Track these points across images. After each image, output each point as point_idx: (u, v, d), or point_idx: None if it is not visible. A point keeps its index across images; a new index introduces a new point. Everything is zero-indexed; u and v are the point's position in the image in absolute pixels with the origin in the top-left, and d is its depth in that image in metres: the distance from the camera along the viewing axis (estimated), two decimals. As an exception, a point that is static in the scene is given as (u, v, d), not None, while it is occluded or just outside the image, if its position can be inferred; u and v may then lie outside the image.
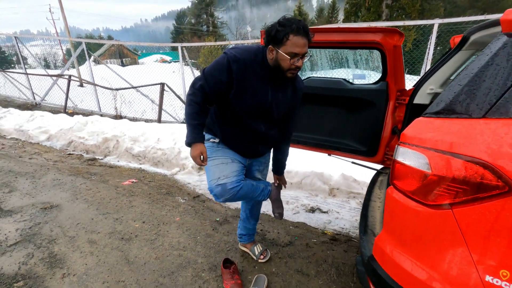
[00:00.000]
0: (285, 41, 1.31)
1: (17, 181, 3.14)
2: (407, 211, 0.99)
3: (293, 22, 1.30)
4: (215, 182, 1.58)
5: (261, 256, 1.97)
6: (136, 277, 1.84)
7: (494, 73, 0.86)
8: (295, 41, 1.30)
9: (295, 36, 1.30)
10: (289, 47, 1.31)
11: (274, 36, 1.32)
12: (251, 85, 1.44)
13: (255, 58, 1.42)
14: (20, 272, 1.88)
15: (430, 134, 0.92)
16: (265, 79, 1.45)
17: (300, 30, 1.29)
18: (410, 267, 0.99)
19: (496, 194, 0.80)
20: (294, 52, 1.32)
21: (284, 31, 1.30)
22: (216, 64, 1.42)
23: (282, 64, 1.36)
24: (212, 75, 1.41)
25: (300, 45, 1.32)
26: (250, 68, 1.41)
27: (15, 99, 8.44)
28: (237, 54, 1.39)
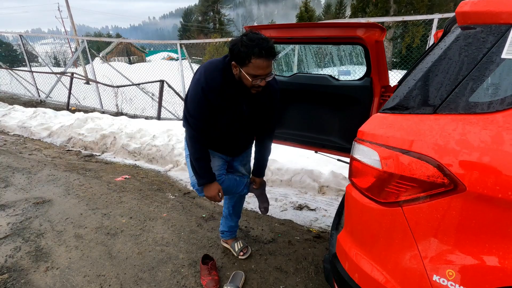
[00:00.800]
0: (247, 63, 1.28)
1: (14, 177, 3.22)
2: (363, 209, 0.97)
3: (255, 44, 1.24)
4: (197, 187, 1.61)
5: (241, 252, 1.98)
6: (116, 272, 1.87)
7: (446, 68, 0.84)
8: (257, 64, 1.27)
9: (258, 59, 1.26)
10: (251, 69, 1.29)
11: (237, 56, 1.29)
12: (227, 105, 1.46)
13: (225, 78, 1.40)
14: (6, 265, 1.93)
15: (382, 130, 0.90)
16: (238, 95, 1.45)
17: (262, 53, 1.24)
18: (366, 267, 0.98)
19: (442, 192, 0.78)
20: (256, 74, 1.30)
21: (246, 53, 1.25)
22: (194, 98, 1.41)
23: (245, 82, 1.36)
24: (197, 111, 1.43)
25: (263, 67, 1.28)
26: (223, 90, 1.41)
27: (21, 96, 8.63)
28: (209, 82, 1.37)
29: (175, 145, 3.81)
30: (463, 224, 0.77)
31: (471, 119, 0.78)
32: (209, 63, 1.45)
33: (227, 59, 1.42)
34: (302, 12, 27.73)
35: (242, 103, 1.49)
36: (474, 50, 0.80)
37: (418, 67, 0.92)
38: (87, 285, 1.77)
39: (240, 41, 1.27)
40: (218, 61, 1.45)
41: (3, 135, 4.99)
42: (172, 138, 3.98)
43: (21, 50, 8.32)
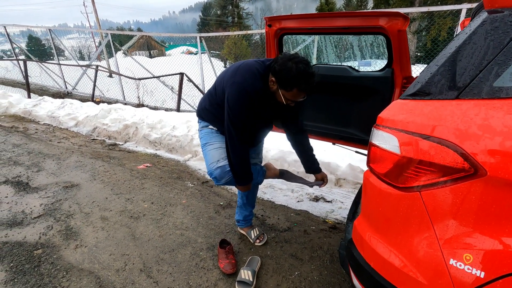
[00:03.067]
0: (288, 90, 1.37)
1: (45, 162, 3.43)
2: (380, 194, 0.98)
3: (304, 79, 1.32)
4: (214, 165, 1.62)
5: (257, 240, 2.03)
6: (139, 252, 1.98)
7: (470, 53, 0.83)
8: (297, 95, 1.38)
9: (299, 92, 1.36)
10: (289, 95, 1.39)
11: (282, 79, 1.36)
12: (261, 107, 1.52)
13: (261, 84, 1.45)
14: (40, 241, 2.09)
15: (402, 116, 0.91)
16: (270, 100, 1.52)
17: (306, 90, 1.36)
18: (383, 251, 1.00)
19: (462, 177, 0.78)
20: (292, 100, 1.42)
21: (293, 83, 1.34)
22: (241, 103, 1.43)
23: (278, 98, 1.45)
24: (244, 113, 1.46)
25: (300, 97, 1.40)
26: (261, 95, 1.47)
27: (50, 88, 9.07)
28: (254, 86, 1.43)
29: (194, 135, 3.90)
30: (482, 208, 0.77)
31: (495, 104, 0.77)
32: (248, 66, 1.47)
33: (264, 67, 1.46)
34: (322, 4, 27.14)
35: (270, 107, 1.56)
36: (500, 34, 0.79)
37: (441, 53, 0.91)
38: (112, 262, 1.88)
39: (290, 68, 1.33)
40: (255, 66, 1.47)
41: (34, 124, 5.29)
42: (191, 129, 4.08)
43: (50, 44, 8.73)
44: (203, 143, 1.71)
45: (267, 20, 2.20)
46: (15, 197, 2.66)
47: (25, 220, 2.32)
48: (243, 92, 1.41)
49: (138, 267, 1.84)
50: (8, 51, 13.19)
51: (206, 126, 1.72)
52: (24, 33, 32.45)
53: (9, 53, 13.01)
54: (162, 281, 1.73)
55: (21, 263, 1.88)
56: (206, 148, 1.69)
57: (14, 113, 5.86)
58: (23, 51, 11.21)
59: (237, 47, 22.15)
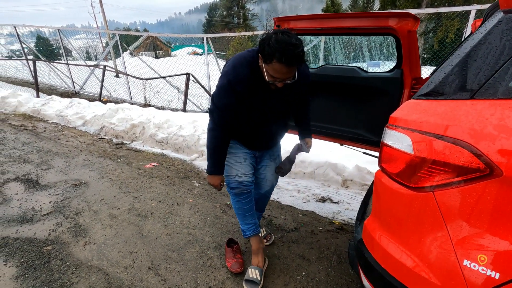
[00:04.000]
0: (268, 63, 1.27)
1: (54, 160, 3.48)
2: (392, 194, 0.98)
3: (280, 48, 1.20)
4: (233, 178, 1.67)
5: (264, 239, 2.03)
6: (147, 250, 1.99)
7: (486, 52, 0.83)
8: (276, 67, 1.26)
9: (278, 63, 1.24)
10: (270, 70, 1.29)
11: (262, 52, 1.28)
12: (256, 97, 1.47)
13: (253, 70, 1.40)
14: (49, 238, 2.12)
15: (415, 115, 0.91)
16: (265, 87, 1.44)
17: (283, 60, 1.22)
18: (394, 251, 1.00)
19: (477, 177, 0.78)
20: (274, 76, 1.30)
21: (269, 53, 1.24)
22: (222, 90, 1.43)
23: (264, 75, 1.34)
24: (224, 103, 1.44)
25: (282, 72, 1.27)
26: (251, 82, 1.41)
27: (58, 88, 9.19)
28: (236, 73, 1.39)
29: (200, 135, 3.92)
30: (498, 209, 0.76)
31: (511, 104, 0.76)
32: (238, 55, 1.46)
33: (254, 54, 1.42)
34: (328, 6, 27.11)
35: (268, 94, 1.48)
36: (517, 34, 0.78)
37: (455, 53, 0.91)
38: (121, 260, 1.90)
39: (269, 39, 1.25)
40: (247, 53, 1.45)
41: (43, 122, 5.36)
42: (197, 129, 4.10)
43: (59, 44, 8.85)
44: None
45: (276, 21, 2.20)
46: (25, 194, 2.70)
47: (35, 217, 2.35)
48: (225, 80, 1.40)
49: (146, 264, 1.86)
50: (17, 51, 13.39)
51: None
52: (32, 33, 32.83)
53: (18, 53, 13.22)
54: (170, 279, 1.75)
55: (32, 259, 1.91)
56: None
57: (24, 112, 5.94)
58: (32, 51, 11.37)
59: (242, 48, 22.23)
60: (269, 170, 1.83)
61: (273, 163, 1.85)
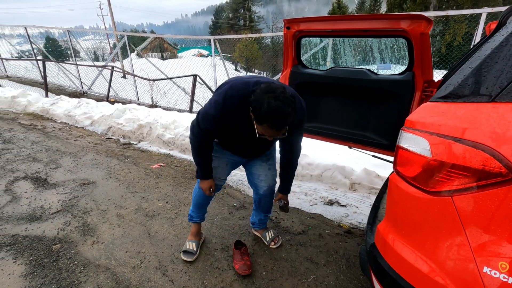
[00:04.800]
0: (258, 123, 1.27)
1: (62, 159, 3.51)
2: (408, 198, 0.96)
3: (272, 116, 1.19)
4: None
5: (272, 242, 2.02)
6: (155, 250, 1.99)
7: (508, 55, 0.81)
8: (267, 130, 1.27)
9: (270, 129, 1.25)
10: (260, 129, 1.30)
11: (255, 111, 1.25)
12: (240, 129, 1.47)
13: (240, 106, 1.37)
14: (58, 236, 2.13)
15: (434, 118, 0.89)
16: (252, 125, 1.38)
17: (274, 127, 1.23)
18: (409, 256, 0.98)
19: (499, 182, 0.76)
20: (264, 134, 1.31)
21: (261, 118, 1.22)
22: (206, 118, 1.42)
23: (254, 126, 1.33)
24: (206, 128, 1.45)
25: (273, 134, 1.28)
26: (238, 115, 1.40)
27: (66, 88, 9.30)
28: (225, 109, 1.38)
29: (207, 136, 3.92)
30: (520, 215, 0.74)
31: (534, 108, 0.74)
32: (234, 86, 1.40)
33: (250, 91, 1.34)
34: (334, 8, 27.06)
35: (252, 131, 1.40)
36: (541, 36, 0.77)
37: (474, 55, 0.89)
38: (129, 260, 1.90)
39: (262, 102, 1.20)
40: (243, 86, 1.38)
41: (52, 122, 5.42)
42: (204, 130, 4.11)
43: (67, 45, 8.96)
44: None
45: (286, 23, 2.20)
46: (34, 192, 2.73)
47: (43, 215, 2.37)
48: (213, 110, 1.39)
49: (154, 265, 1.86)
50: (27, 51, 13.61)
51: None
52: (42, 34, 33.30)
53: (28, 54, 13.43)
54: (178, 280, 1.74)
55: (40, 257, 1.92)
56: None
57: (33, 111, 6.02)
58: (42, 52, 11.54)
59: (248, 50, 22.26)
60: (262, 171, 1.82)
61: (265, 164, 1.83)
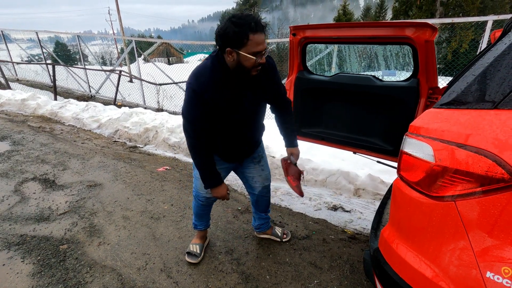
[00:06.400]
0: (245, 42, 1.23)
1: (70, 161, 3.57)
2: (411, 203, 0.98)
3: (248, 20, 1.21)
4: (203, 194, 1.78)
5: (283, 235, 2.09)
6: (160, 252, 2.01)
7: (510, 63, 0.82)
8: (256, 40, 1.23)
9: (255, 35, 1.22)
10: (250, 47, 1.24)
11: (232, 39, 1.24)
12: (227, 100, 1.42)
13: (215, 74, 1.37)
14: (65, 237, 2.16)
15: (437, 124, 0.91)
16: (235, 86, 1.41)
17: (258, 26, 1.22)
18: (413, 261, 0.98)
19: (502, 187, 0.77)
20: (257, 51, 1.26)
21: (243, 31, 1.21)
22: (189, 103, 1.40)
23: (245, 65, 1.30)
24: (193, 115, 1.42)
25: (261, 42, 1.26)
26: (219, 86, 1.38)
27: (75, 91, 9.46)
28: (200, 83, 1.36)
29: (212, 140, 3.96)
30: (523, 220, 0.75)
31: (536, 115, 0.76)
32: (197, 67, 1.42)
33: (211, 58, 1.39)
34: (340, 15, 27.21)
35: (245, 93, 1.44)
36: (543, 45, 0.78)
37: (477, 63, 0.91)
38: (134, 261, 1.92)
39: (230, 23, 1.22)
40: (204, 62, 1.42)
41: (60, 125, 5.52)
42: (209, 134, 4.14)
43: (76, 50, 9.15)
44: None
45: (292, 29, 2.24)
46: (42, 193, 2.78)
47: (51, 216, 2.41)
48: (190, 92, 1.37)
49: (159, 267, 1.88)
50: (37, 55, 13.90)
51: None
52: (51, 39, 33.83)
53: (37, 58, 13.71)
54: (182, 282, 1.76)
55: (48, 257, 1.95)
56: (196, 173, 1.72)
57: (42, 114, 6.13)
58: (51, 56, 11.78)
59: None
60: (256, 172, 1.83)
61: (258, 165, 1.83)
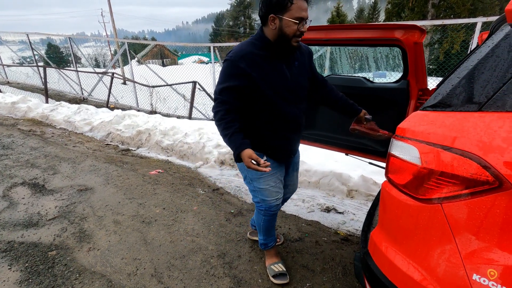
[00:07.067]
0: (289, 6, 1.26)
1: (61, 165, 3.52)
2: (399, 205, 0.97)
3: None
4: (274, 202, 1.68)
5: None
6: (151, 257, 1.99)
7: (493, 65, 0.83)
8: (299, 4, 1.26)
9: (299, 0, 1.26)
10: (294, 11, 1.26)
11: (277, 3, 1.26)
12: (266, 73, 1.39)
13: (254, 46, 1.38)
14: (54, 242, 2.13)
15: (423, 127, 0.91)
16: (275, 59, 1.40)
17: None
18: (401, 264, 0.98)
19: (486, 190, 0.77)
20: (300, 16, 1.28)
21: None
22: (223, 73, 1.38)
23: (287, 32, 1.30)
24: (225, 87, 1.38)
25: (305, 9, 1.29)
26: (257, 57, 1.37)
27: (67, 94, 9.35)
28: (237, 52, 1.36)
29: (205, 143, 3.94)
30: (507, 222, 0.75)
31: (519, 117, 0.76)
32: (240, 43, 1.44)
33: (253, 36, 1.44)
34: (333, 16, 27.43)
35: (281, 66, 1.43)
36: (525, 48, 0.79)
37: (462, 65, 0.91)
38: (124, 266, 1.89)
39: None
40: (246, 40, 1.45)
41: (51, 128, 5.44)
42: (203, 137, 4.13)
43: (68, 52, 9.04)
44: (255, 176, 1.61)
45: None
46: (32, 198, 2.73)
47: (40, 222, 2.37)
48: (228, 62, 1.36)
49: (149, 272, 1.85)
50: (28, 57, 13.73)
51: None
52: (43, 41, 33.44)
53: (29, 60, 13.54)
54: (173, 287, 1.73)
55: (36, 264, 1.91)
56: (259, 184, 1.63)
57: (33, 117, 6.05)
58: (43, 58, 11.64)
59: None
60: (292, 180, 1.87)
61: (296, 172, 1.88)
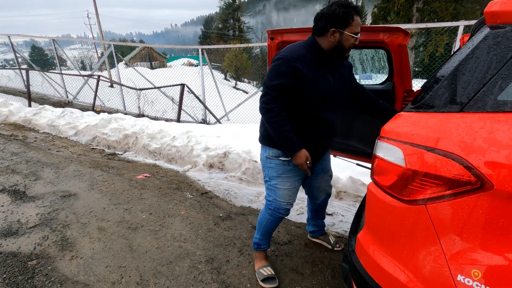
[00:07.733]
0: (350, 22, 1.37)
1: (43, 171, 3.40)
2: (385, 207, 0.97)
3: (351, 4, 1.36)
4: (284, 206, 1.69)
5: (336, 245, 2.10)
6: (136, 264, 1.93)
7: (474, 67, 0.84)
8: (357, 21, 1.39)
9: (357, 17, 1.38)
10: (354, 27, 1.38)
11: (341, 19, 1.36)
12: (316, 76, 1.45)
13: (306, 50, 1.46)
14: (34, 252, 2.04)
15: (407, 128, 0.91)
16: (322, 68, 1.48)
17: (358, 10, 1.39)
18: (387, 266, 0.98)
19: (469, 190, 0.78)
20: (358, 31, 1.40)
21: (349, 12, 1.35)
22: (276, 70, 1.42)
23: (345, 45, 1.42)
24: (277, 84, 1.41)
25: (360, 24, 1.41)
26: (309, 60, 1.44)
27: (51, 97, 9.11)
28: (292, 53, 1.42)
29: (194, 146, 3.89)
30: (490, 223, 0.75)
31: (499, 118, 0.77)
32: (290, 45, 1.51)
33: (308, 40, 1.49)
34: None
35: (327, 75, 1.50)
36: (503, 49, 0.80)
37: (444, 67, 0.92)
38: (108, 275, 1.83)
39: (337, 6, 1.36)
40: (299, 42, 1.51)
41: (34, 132, 5.28)
42: (191, 140, 4.08)
43: (53, 54, 8.82)
44: (273, 175, 1.65)
45: (269, 33, 2.23)
46: (11, 206, 2.62)
47: (20, 230, 2.28)
48: (282, 60, 1.41)
49: (135, 280, 1.80)
50: (11, 60, 13.34)
51: (277, 157, 1.61)
52: (27, 43, 32.59)
53: (12, 63, 13.15)
54: (159, 295, 1.69)
55: (14, 275, 1.83)
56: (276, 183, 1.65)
57: (14, 121, 5.85)
58: (26, 61, 11.33)
59: (237, 59, 22.44)
60: (324, 182, 1.86)
61: (326, 175, 1.87)
